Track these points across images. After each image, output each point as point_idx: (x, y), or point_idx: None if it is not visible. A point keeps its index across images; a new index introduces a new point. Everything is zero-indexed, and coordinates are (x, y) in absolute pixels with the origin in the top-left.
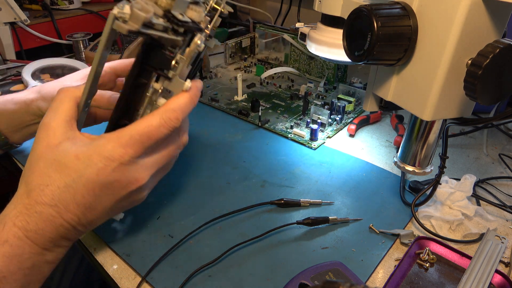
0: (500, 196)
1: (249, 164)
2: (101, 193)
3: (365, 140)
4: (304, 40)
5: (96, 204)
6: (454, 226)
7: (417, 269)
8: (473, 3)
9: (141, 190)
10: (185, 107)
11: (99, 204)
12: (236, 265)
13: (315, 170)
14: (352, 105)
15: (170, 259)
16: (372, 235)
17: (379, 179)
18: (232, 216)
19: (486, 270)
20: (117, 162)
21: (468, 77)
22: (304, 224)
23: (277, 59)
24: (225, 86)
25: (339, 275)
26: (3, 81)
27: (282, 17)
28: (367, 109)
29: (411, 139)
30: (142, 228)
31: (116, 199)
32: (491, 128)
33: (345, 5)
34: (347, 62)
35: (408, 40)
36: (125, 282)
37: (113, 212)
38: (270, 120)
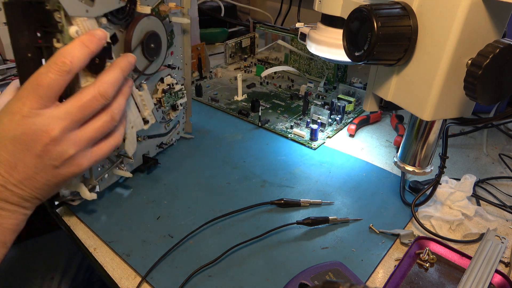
0: (500, 196)
1: (249, 164)
2: (15, 149)
3: (365, 140)
4: (304, 40)
5: (15, 160)
6: (454, 226)
7: (417, 269)
8: (473, 3)
9: (56, 143)
10: (73, 50)
11: (18, 161)
12: (236, 265)
13: (315, 170)
14: (352, 105)
15: (170, 259)
16: (372, 235)
17: (379, 179)
18: (232, 216)
19: (486, 270)
20: (18, 115)
21: (468, 77)
22: (304, 224)
23: (277, 59)
24: (225, 86)
25: (339, 275)
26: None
27: (282, 17)
28: (367, 109)
29: (411, 139)
30: (142, 228)
31: (34, 154)
32: (491, 128)
33: (345, 5)
34: (347, 62)
35: (408, 40)
36: (125, 282)
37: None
38: (270, 120)
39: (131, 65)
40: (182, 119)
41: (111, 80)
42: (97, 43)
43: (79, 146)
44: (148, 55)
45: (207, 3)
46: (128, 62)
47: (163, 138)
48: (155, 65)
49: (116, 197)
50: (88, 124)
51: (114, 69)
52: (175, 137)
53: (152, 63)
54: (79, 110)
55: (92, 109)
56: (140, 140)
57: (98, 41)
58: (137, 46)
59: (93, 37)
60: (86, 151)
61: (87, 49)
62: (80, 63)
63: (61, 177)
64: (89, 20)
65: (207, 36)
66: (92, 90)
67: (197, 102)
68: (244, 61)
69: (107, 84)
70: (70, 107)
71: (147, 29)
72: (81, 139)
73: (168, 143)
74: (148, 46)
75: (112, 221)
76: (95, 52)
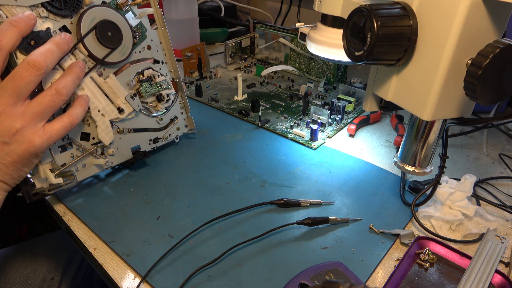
0: (500, 196)
1: (249, 164)
2: None
3: (365, 140)
4: (304, 40)
5: None
6: (454, 226)
7: (417, 269)
8: (473, 3)
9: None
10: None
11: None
12: (236, 265)
13: (315, 170)
14: (352, 105)
15: (170, 259)
16: (372, 235)
17: (379, 179)
18: (232, 216)
19: (486, 270)
20: None
21: (468, 77)
22: (304, 224)
23: (277, 59)
24: (225, 86)
25: (339, 275)
26: None
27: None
28: (367, 109)
29: (411, 139)
30: (142, 228)
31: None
32: (491, 128)
33: (345, 5)
34: (347, 62)
35: (408, 40)
36: (125, 282)
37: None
38: (270, 120)
39: (65, 40)
40: (181, 114)
41: (41, 51)
42: (25, 21)
43: (25, 120)
44: (105, 42)
45: (207, 3)
46: (62, 37)
47: (158, 133)
48: (119, 54)
49: (116, 197)
50: (34, 99)
51: (46, 43)
52: (176, 133)
53: (113, 51)
54: (13, 83)
55: (25, 80)
56: (121, 132)
57: (26, 20)
58: (87, 33)
59: (21, 17)
60: (36, 127)
61: (15, 28)
62: (10, 40)
63: (15, 155)
64: (19, 8)
65: (207, 36)
66: (23, 62)
67: (197, 102)
68: (244, 61)
69: (37, 54)
70: (5, 82)
71: (100, 18)
72: (27, 112)
73: (165, 138)
74: (104, 34)
75: (112, 221)
76: (24, 31)
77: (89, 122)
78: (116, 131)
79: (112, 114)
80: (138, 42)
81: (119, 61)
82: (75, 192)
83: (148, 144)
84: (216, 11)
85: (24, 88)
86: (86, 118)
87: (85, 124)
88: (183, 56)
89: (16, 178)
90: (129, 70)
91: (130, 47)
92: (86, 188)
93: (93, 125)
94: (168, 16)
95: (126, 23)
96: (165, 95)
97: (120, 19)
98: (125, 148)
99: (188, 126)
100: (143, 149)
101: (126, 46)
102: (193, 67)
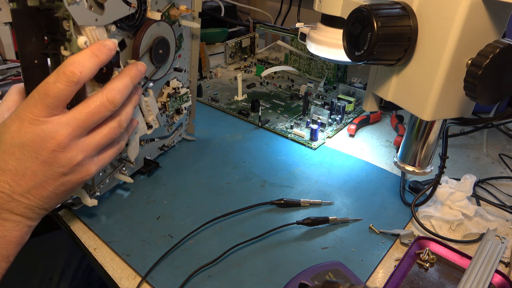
0: (500, 196)
1: (249, 164)
2: (22, 156)
3: (365, 140)
4: (304, 40)
5: (23, 168)
6: (454, 226)
7: (417, 269)
8: (473, 3)
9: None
10: (83, 60)
11: (26, 169)
12: (236, 265)
13: (315, 170)
14: (352, 105)
15: (170, 259)
16: (372, 235)
17: (379, 179)
18: (232, 216)
19: (486, 270)
20: (25, 122)
21: (468, 77)
22: (304, 224)
23: (277, 59)
24: (225, 86)
25: (339, 275)
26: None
27: (282, 17)
28: (367, 109)
29: (411, 139)
30: (142, 228)
31: (42, 161)
32: (491, 128)
33: (345, 5)
34: (347, 62)
35: (408, 40)
36: (125, 282)
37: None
38: (270, 120)
39: (141, 73)
40: (185, 121)
41: (119, 87)
42: (107, 53)
43: (87, 152)
44: (156, 61)
45: (207, 3)
46: (138, 70)
47: (165, 140)
48: (162, 71)
49: (116, 197)
50: (96, 131)
51: (123, 76)
52: (177, 139)
53: (159, 69)
54: (87, 116)
55: (100, 115)
56: (143, 144)
57: (108, 51)
58: (145, 53)
59: (103, 47)
60: (94, 156)
61: (96, 59)
62: (89, 73)
63: (70, 184)
64: (98, 29)
65: (207, 36)
66: (100, 96)
67: (197, 102)
68: (244, 61)
69: (115, 91)
70: (78, 114)
71: (156, 35)
72: (89, 145)
73: (170, 145)
74: (156, 52)
75: (112, 221)
76: (105, 62)
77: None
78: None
79: (143, 131)
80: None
81: (160, 78)
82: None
83: (156, 152)
84: (216, 11)
85: (96, 122)
86: None
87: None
88: None
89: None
90: (160, 81)
91: (171, 63)
92: None
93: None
94: None
95: (174, 38)
96: (183, 108)
97: (171, 35)
98: (140, 159)
99: (188, 131)
100: (153, 157)
101: (169, 62)
102: None
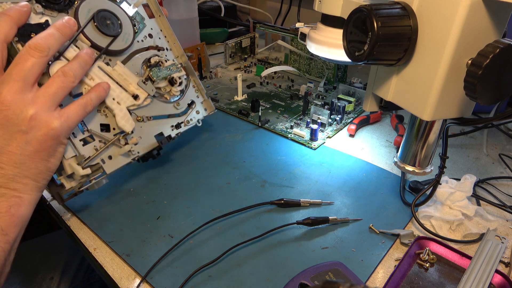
0: (500, 196)
1: (249, 164)
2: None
3: (365, 140)
4: (304, 40)
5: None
6: (454, 226)
7: (417, 269)
8: (473, 3)
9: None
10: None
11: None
12: (236, 265)
13: (315, 170)
14: (352, 105)
15: (170, 259)
16: (372, 235)
17: (379, 179)
18: (232, 216)
19: (486, 270)
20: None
21: (468, 77)
22: (304, 224)
23: (277, 59)
24: (225, 86)
25: (339, 275)
26: None
27: (282, 17)
28: (367, 109)
29: (411, 139)
30: (142, 228)
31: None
32: (491, 128)
33: (345, 5)
34: (347, 62)
35: (408, 40)
36: (125, 282)
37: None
38: (270, 120)
39: (68, 24)
40: (197, 98)
41: (42, 35)
42: (15, 9)
43: (37, 104)
44: (106, 31)
45: (207, 3)
46: (64, 22)
47: (178, 118)
48: (122, 42)
49: (117, 197)
50: (44, 84)
51: (47, 28)
52: (197, 117)
53: (116, 39)
54: (18, 69)
55: (29, 63)
56: (141, 120)
57: (17, 7)
58: (86, 24)
59: (11, 6)
60: (50, 110)
61: (5, 15)
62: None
63: (36, 143)
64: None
65: (207, 36)
66: (25, 47)
67: None
68: (244, 61)
69: (37, 38)
70: (9, 70)
71: (95, 8)
72: (38, 97)
73: (187, 122)
74: (103, 23)
75: (112, 221)
76: (16, 18)
77: (106, 113)
78: (136, 120)
79: (128, 101)
80: (138, 31)
81: (123, 48)
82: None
83: (170, 130)
84: (216, 11)
85: (29, 72)
86: (103, 109)
87: (102, 115)
88: None
89: (44, 172)
90: (135, 59)
91: (132, 34)
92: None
93: (111, 115)
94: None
95: (123, 12)
96: (176, 78)
97: (116, 8)
98: (149, 136)
99: (208, 110)
100: (170, 134)
101: (128, 33)
102: (193, 67)
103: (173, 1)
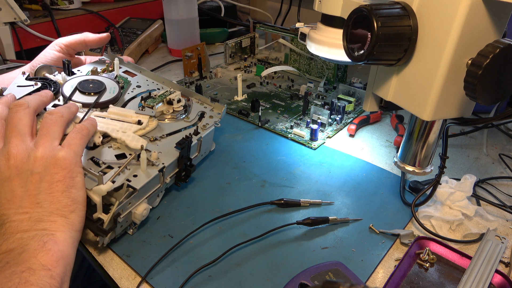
0: (500, 196)
1: (249, 164)
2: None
3: (365, 140)
4: (304, 40)
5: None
6: (454, 226)
7: (417, 269)
8: (473, 3)
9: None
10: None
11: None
12: (236, 265)
13: (315, 170)
14: (352, 105)
15: (170, 259)
16: (372, 235)
17: (379, 179)
18: (232, 216)
19: (486, 270)
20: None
21: (468, 77)
22: (304, 224)
23: (277, 59)
24: (225, 86)
25: (339, 275)
26: None
27: (282, 17)
28: (367, 109)
29: (411, 139)
30: (142, 228)
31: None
32: (491, 128)
33: (345, 5)
34: (347, 62)
35: (408, 40)
36: (125, 282)
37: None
38: (270, 120)
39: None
40: (204, 108)
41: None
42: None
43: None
44: (91, 90)
45: (207, 3)
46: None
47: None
48: (109, 93)
49: None
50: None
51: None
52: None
53: (102, 93)
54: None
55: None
56: (153, 140)
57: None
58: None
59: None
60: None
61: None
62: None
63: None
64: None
65: (207, 36)
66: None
67: None
68: (244, 61)
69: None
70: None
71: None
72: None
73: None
74: (86, 87)
75: None
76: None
77: (117, 145)
78: (149, 140)
79: (133, 127)
80: (125, 86)
81: (112, 98)
82: None
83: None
84: (216, 11)
85: (20, 124)
86: (113, 143)
87: (114, 148)
88: (183, 56)
89: (70, 204)
90: (132, 103)
91: (117, 87)
92: None
93: (123, 146)
94: (168, 16)
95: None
96: (173, 97)
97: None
98: (169, 148)
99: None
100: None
101: (112, 87)
102: (193, 67)
103: (173, 1)
